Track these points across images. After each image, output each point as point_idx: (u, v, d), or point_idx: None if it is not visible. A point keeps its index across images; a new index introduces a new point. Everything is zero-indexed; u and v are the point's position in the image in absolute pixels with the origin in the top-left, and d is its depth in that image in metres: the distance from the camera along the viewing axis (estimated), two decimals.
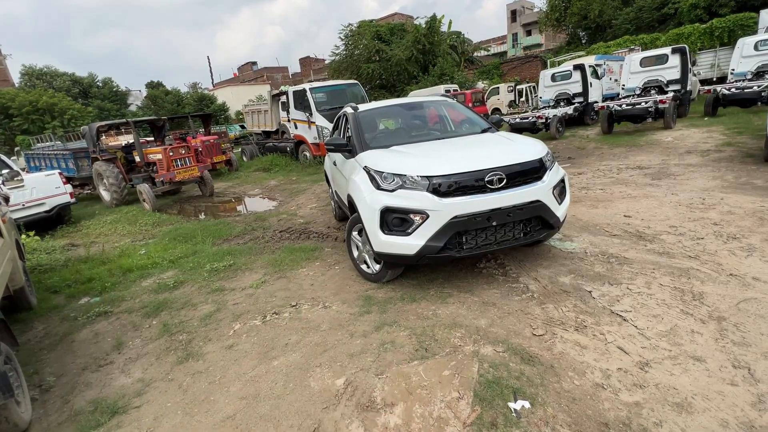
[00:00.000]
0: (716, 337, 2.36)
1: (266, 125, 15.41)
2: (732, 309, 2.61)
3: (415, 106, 4.79)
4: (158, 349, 3.11)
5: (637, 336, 2.45)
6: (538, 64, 27.01)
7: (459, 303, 3.11)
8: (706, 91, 10.68)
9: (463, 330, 2.73)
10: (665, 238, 3.86)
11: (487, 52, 34.94)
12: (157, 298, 4.05)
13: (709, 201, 4.68)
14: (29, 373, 2.97)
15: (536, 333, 2.59)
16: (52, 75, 32.91)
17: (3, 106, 26.48)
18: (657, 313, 2.65)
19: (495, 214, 2.98)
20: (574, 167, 7.64)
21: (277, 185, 10.41)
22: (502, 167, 3.01)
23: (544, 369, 2.25)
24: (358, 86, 12.86)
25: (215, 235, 6.15)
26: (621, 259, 3.54)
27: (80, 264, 5.48)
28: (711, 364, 2.15)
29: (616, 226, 4.34)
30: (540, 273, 3.46)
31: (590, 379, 2.14)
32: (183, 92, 40.08)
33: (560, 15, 27.73)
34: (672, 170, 6.32)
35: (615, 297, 2.92)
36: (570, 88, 13.09)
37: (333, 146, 4.13)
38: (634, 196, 5.27)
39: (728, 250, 3.43)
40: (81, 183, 11.47)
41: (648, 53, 11.85)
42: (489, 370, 2.27)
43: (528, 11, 44.22)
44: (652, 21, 23.72)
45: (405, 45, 25.65)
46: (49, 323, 3.88)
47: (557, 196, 3.25)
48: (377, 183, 3.19)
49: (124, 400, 2.52)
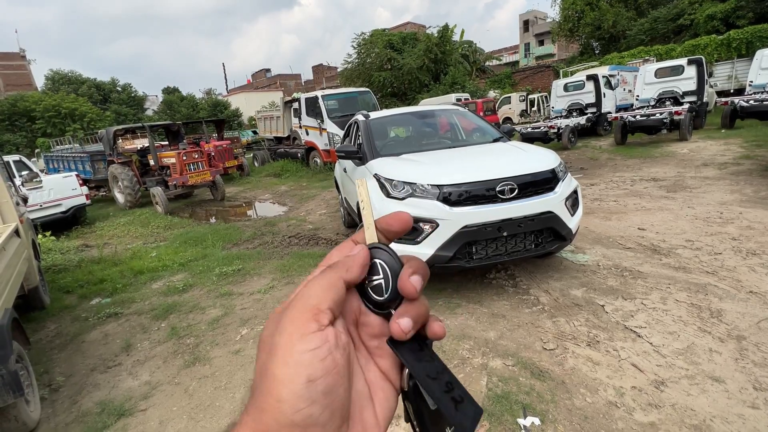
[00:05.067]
0: (736, 357, 2.27)
1: (278, 131, 15.59)
2: (752, 328, 2.52)
3: (427, 114, 4.80)
4: (166, 352, 3.12)
5: (652, 353, 2.38)
6: (550, 73, 26.94)
7: (468, 314, 3.07)
8: (723, 102, 10.49)
9: (471, 342, 2.69)
10: (681, 252, 3.76)
11: (499, 62, 34.97)
12: (167, 301, 4.08)
13: (727, 215, 4.56)
14: (39, 372, 3.01)
15: (547, 347, 2.54)
16: (77, 81, 33.91)
17: (26, 110, 27.33)
18: (673, 330, 2.58)
19: (506, 225, 2.94)
20: (587, 178, 7.54)
21: (287, 191, 10.49)
22: (513, 177, 2.98)
23: (555, 385, 2.19)
24: (370, 94, 12.95)
25: (225, 239, 6.20)
26: (635, 272, 3.45)
27: (93, 265, 5.56)
28: (730, 385, 2.07)
29: (629, 238, 4.25)
30: (551, 285, 3.40)
31: (603, 397, 2.08)
32: (198, 98, 40.88)
33: (573, 25, 27.65)
34: (688, 183, 6.19)
35: (629, 312, 2.85)
36: (583, 98, 12.98)
37: (344, 153, 4.15)
38: (649, 209, 5.17)
39: (748, 266, 3.33)
40: (97, 185, 11.73)
41: (663, 64, 11.72)
42: (498, 384, 2.22)
43: (540, 21, 44.24)
44: (667, 32, 23.51)
45: (417, 54, 25.84)
46: (61, 323, 3.93)
47: (570, 207, 3.20)
48: (387, 191, 3.18)
49: (131, 403, 2.52)
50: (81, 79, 34.44)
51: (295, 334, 0.25)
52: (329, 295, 0.27)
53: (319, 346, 0.25)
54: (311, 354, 0.25)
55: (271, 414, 0.23)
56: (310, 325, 0.26)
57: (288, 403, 0.23)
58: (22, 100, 27.71)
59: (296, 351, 0.25)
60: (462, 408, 0.29)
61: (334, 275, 0.29)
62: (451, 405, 0.29)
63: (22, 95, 28.58)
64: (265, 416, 0.24)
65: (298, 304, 0.27)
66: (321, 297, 0.27)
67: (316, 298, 0.27)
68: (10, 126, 27.10)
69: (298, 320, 0.26)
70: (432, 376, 0.30)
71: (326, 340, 0.26)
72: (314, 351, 0.25)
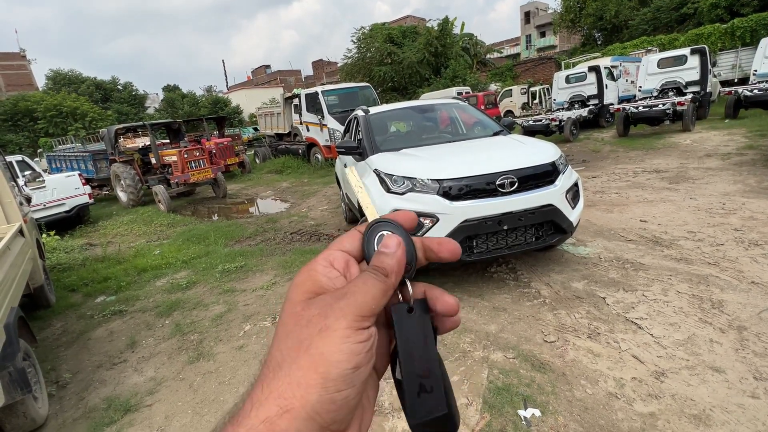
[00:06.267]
0: (736, 348, 2.28)
1: (279, 128, 15.57)
2: (753, 318, 2.52)
3: (426, 108, 4.78)
4: (170, 349, 3.15)
5: (653, 345, 2.39)
6: (551, 65, 26.71)
7: (469, 308, 3.08)
8: (727, 92, 10.38)
9: (472, 335, 2.70)
10: (683, 243, 3.75)
11: (500, 54, 34.68)
12: (170, 298, 4.11)
13: (729, 206, 4.54)
14: (47, 369, 3.05)
15: (548, 339, 2.55)
16: (77, 80, 33.92)
17: (28, 110, 27.40)
18: (674, 322, 2.58)
19: (506, 218, 2.94)
20: (589, 170, 7.51)
21: (288, 187, 10.50)
22: (513, 170, 2.98)
23: (556, 376, 2.20)
24: (370, 89, 12.91)
25: (227, 237, 6.23)
26: (636, 265, 3.45)
27: (97, 263, 5.61)
28: (731, 375, 2.08)
29: (631, 231, 4.24)
30: (552, 278, 3.40)
31: (603, 388, 2.09)
32: (198, 95, 40.85)
33: (575, 16, 27.35)
34: (691, 174, 6.16)
35: (630, 304, 2.85)
36: (585, 90, 12.88)
37: (344, 149, 4.15)
38: (651, 201, 5.15)
39: (750, 257, 3.32)
40: (100, 184, 11.78)
41: (666, 54, 11.59)
42: (499, 377, 2.24)
43: (542, 12, 43.80)
44: (671, 21, 23.23)
45: (417, 48, 25.68)
46: (67, 321, 3.98)
47: (570, 200, 3.20)
48: (387, 186, 3.18)
49: (137, 399, 2.56)
50: (81, 78, 34.45)
51: (354, 326, 0.27)
52: (382, 302, 0.30)
53: (367, 340, 0.28)
54: (363, 345, 0.27)
55: (314, 389, 0.25)
56: (365, 322, 0.28)
57: (334, 383, 0.25)
58: (23, 99, 27.79)
59: (352, 340, 0.26)
60: (425, 398, 0.30)
61: (390, 285, 0.30)
62: (416, 388, 0.30)
63: (24, 95, 28.65)
64: (304, 391, 0.25)
65: (359, 299, 0.28)
66: (378, 302, 0.29)
67: (375, 302, 0.29)
68: (13, 126, 27.21)
69: (357, 314, 0.28)
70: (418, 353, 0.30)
71: (371, 336, 0.28)
72: (364, 344, 0.27)
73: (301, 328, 0.28)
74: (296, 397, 0.25)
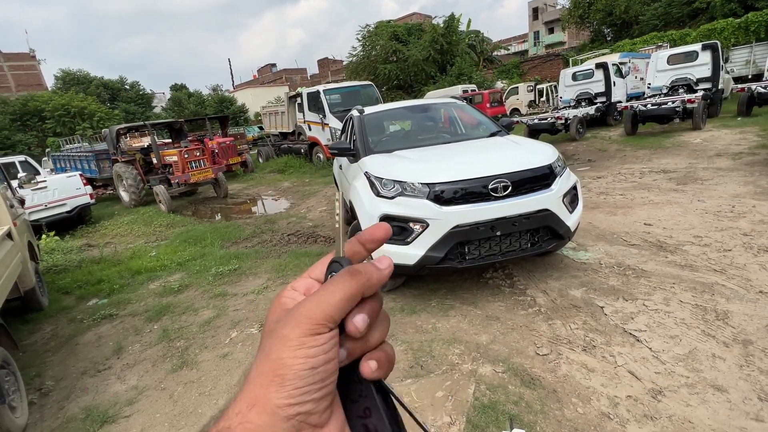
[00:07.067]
0: (741, 364, 2.14)
1: (283, 127, 15.53)
2: (760, 331, 2.37)
3: (423, 108, 4.66)
4: (155, 356, 3.09)
5: (651, 359, 2.25)
6: (559, 62, 26.27)
7: (461, 316, 2.97)
8: (740, 89, 10.08)
9: (462, 346, 2.59)
10: (688, 249, 3.59)
11: (507, 51, 34.28)
12: (161, 302, 4.06)
13: (739, 209, 4.35)
14: (31, 376, 3.01)
15: (540, 352, 2.43)
16: (86, 80, 34.25)
17: (36, 109, 27.76)
18: (675, 334, 2.44)
19: (499, 224, 2.82)
20: (594, 170, 7.33)
21: (289, 187, 10.45)
22: (506, 174, 2.85)
23: (546, 393, 2.09)
24: (373, 87, 12.79)
25: (225, 238, 6.18)
26: (638, 271, 3.31)
27: (93, 265, 5.60)
28: (733, 394, 1.95)
29: (635, 234, 4.09)
30: (549, 285, 3.28)
31: (596, 407, 1.97)
32: (204, 94, 41.06)
33: (584, 12, 26.84)
34: (699, 174, 5.95)
35: (629, 314, 2.72)
36: (592, 87, 12.61)
37: (337, 150, 4.05)
38: (657, 203, 4.98)
39: (759, 263, 3.16)
40: (104, 183, 11.84)
41: (676, 50, 11.29)
42: (486, 393, 2.13)
43: (550, 8, 43.16)
44: (682, 16, 22.68)
45: (422, 45, 25.45)
46: (58, 324, 3.95)
47: (568, 204, 3.07)
48: (377, 190, 3.08)
49: (116, 409, 2.50)
50: (89, 78, 34.79)
51: (307, 334, 0.29)
52: (347, 306, 0.30)
53: (326, 343, 0.29)
54: (318, 349, 0.29)
55: (273, 387, 0.28)
56: (324, 329, 0.29)
57: (290, 381, 0.28)
58: (32, 99, 28.13)
59: (306, 346, 0.28)
60: None
61: (356, 290, 0.31)
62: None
63: (33, 95, 29.01)
64: (266, 390, 0.28)
65: (318, 307, 0.30)
66: (339, 308, 0.30)
67: (335, 309, 0.30)
68: (22, 126, 27.57)
69: (314, 323, 0.29)
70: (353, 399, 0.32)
71: (332, 338, 0.30)
72: (322, 347, 0.29)
73: (267, 338, 0.31)
74: (259, 394, 0.28)
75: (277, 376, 0.28)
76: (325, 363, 0.29)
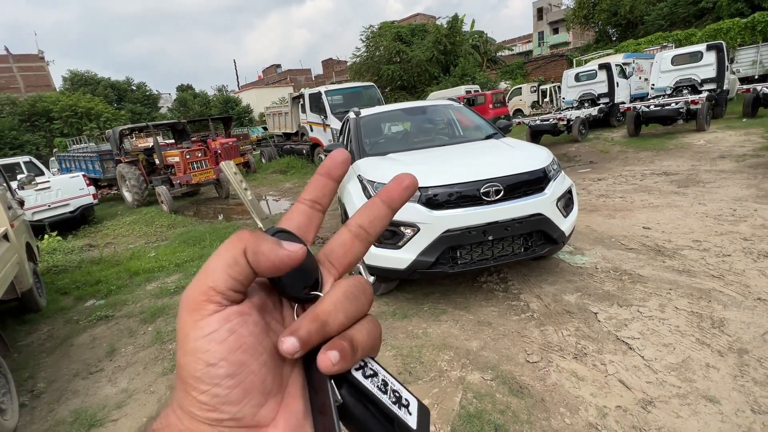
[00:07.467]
0: (735, 374, 2.09)
1: (287, 127, 15.57)
2: (757, 340, 2.32)
3: (419, 110, 4.63)
4: (147, 358, 3.10)
5: (643, 368, 2.21)
6: (563, 63, 26.10)
7: (452, 321, 2.94)
8: (745, 90, 9.93)
9: (452, 352, 2.57)
10: (687, 253, 3.54)
11: (511, 52, 34.12)
12: (157, 304, 4.07)
13: (740, 212, 4.28)
14: (24, 377, 3.03)
15: (530, 359, 2.40)
16: (94, 81, 34.56)
17: (44, 110, 28.07)
18: (668, 342, 2.40)
19: (491, 228, 2.79)
20: (595, 172, 7.26)
21: (291, 188, 10.47)
22: (499, 178, 2.82)
23: (534, 402, 2.06)
24: (374, 88, 12.77)
25: (224, 239, 6.13)
26: (635, 276, 3.26)
27: (92, 266, 5.63)
28: (726, 406, 1.90)
29: (633, 238, 4.03)
30: (544, 290, 3.24)
31: (583, 418, 1.93)
32: (210, 95, 41.30)
33: (588, 12, 26.66)
34: (701, 177, 5.87)
35: (623, 321, 2.67)
36: (595, 88, 12.50)
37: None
38: (657, 206, 4.91)
39: (758, 269, 3.10)
40: (108, 184, 11.93)
41: (680, 50, 11.16)
42: (472, 401, 2.10)
43: (555, 9, 42.91)
44: (688, 16, 22.44)
45: (426, 46, 25.41)
46: (54, 325, 3.97)
47: (562, 208, 3.03)
48: (368, 193, 3.06)
49: (104, 412, 2.50)
50: (96, 79, 35.12)
51: (189, 321, 0.24)
52: (230, 272, 0.24)
53: (216, 330, 0.23)
54: (207, 339, 0.23)
55: (182, 394, 0.24)
56: (207, 308, 0.23)
57: (191, 386, 0.23)
58: (40, 100, 28.46)
59: (191, 338, 0.23)
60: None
61: (238, 250, 0.24)
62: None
63: (41, 96, 29.34)
64: (179, 395, 0.25)
65: (194, 284, 0.24)
66: (219, 276, 0.24)
67: (213, 278, 0.24)
68: (30, 126, 27.90)
69: (193, 304, 0.24)
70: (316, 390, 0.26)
71: (227, 319, 0.24)
72: (211, 335, 0.23)
73: None
74: (176, 399, 0.25)
75: (180, 381, 0.24)
76: (228, 353, 0.23)
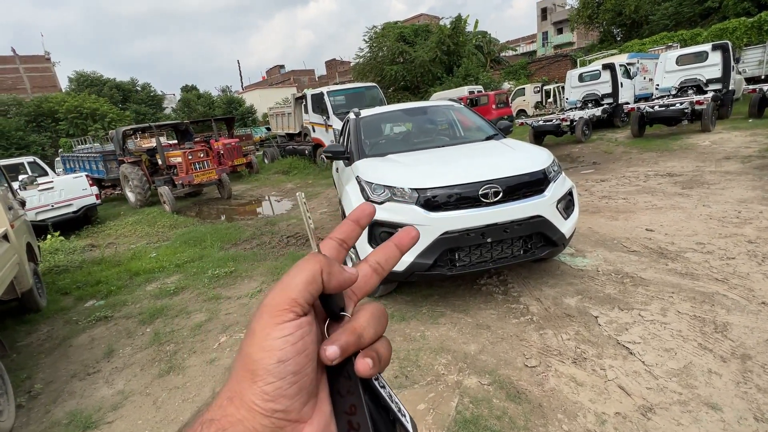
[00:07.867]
0: (737, 380, 2.05)
1: (290, 128, 15.58)
2: (760, 345, 2.27)
3: (419, 111, 4.61)
4: (144, 360, 3.09)
5: (644, 374, 2.17)
6: (567, 63, 25.97)
7: (451, 324, 2.91)
8: (752, 90, 9.82)
9: (449, 356, 2.54)
10: (690, 256, 3.48)
11: (514, 52, 34.00)
12: (156, 305, 4.07)
13: (745, 214, 4.22)
14: (22, 378, 3.03)
15: (528, 364, 2.36)
16: (99, 81, 34.76)
17: (50, 111, 28.28)
18: (670, 347, 2.36)
19: (490, 230, 2.76)
20: (598, 173, 7.19)
21: (293, 188, 10.47)
22: (498, 179, 2.79)
23: (531, 408, 2.02)
24: (377, 89, 12.76)
25: (224, 239, 6.20)
26: (636, 279, 3.21)
27: (94, 266, 5.65)
28: (728, 413, 1.86)
29: (635, 240, 3.98)
30: (544, 292, 3.20)
31: (581, 424, 1.90)
32: (214, 95, 41.44)
33: (593, 12, 26.51)
34: (706, 178, 5.80)
35: (623, 325, 2.63)
36: (599, 88, 12.42)
37: (331, 153, 4.03)
38: (660, 207, 4.85)
39: (763, 273, 3.04)
40: (112, 184, 11.99)
41: (685, 50, 11.05)
42: (469, 407, 2.07)
43: (559, 9, 42.72)
44: (693, 16, 22.25)
45: (429, 46, 25.38)
46: (54, 326, 3.98)
47: (562, 210, 2.99)
48: (367, 194, 3.04)
49: (99, 414, 2.49)
50: (102, 79, 35.33)
51: (270, 323, 0.28)
52: (309, 288, 0.29)
53: (292, 333, 0.28)
54: (284, 340, 0.28)
55: (246, 383, 0.27)
56: (288, 315, 0.28)
57: (261, 377, 0.27)
58: (46, 101, 28.68)
59: (271, 338, 0.27)
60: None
61: (317, 269, 0.30)
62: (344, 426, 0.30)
63: (47, 96, 29.56)
64: (239, 386, 0.28)
65: (279, 293, 0.29)
66: (302, 291, 0.29)
67: (296, 291, 0.29)
68: (36, 127, 28.11)
69: (276, 310, 0.28)
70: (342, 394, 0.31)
71: (300, 327, 0.28)
72: (287, 337, 0.28)
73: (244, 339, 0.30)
74: (235, 390, 0.28)
75: (247, 372, 0.28)
76: (296, 355, 0.28)
